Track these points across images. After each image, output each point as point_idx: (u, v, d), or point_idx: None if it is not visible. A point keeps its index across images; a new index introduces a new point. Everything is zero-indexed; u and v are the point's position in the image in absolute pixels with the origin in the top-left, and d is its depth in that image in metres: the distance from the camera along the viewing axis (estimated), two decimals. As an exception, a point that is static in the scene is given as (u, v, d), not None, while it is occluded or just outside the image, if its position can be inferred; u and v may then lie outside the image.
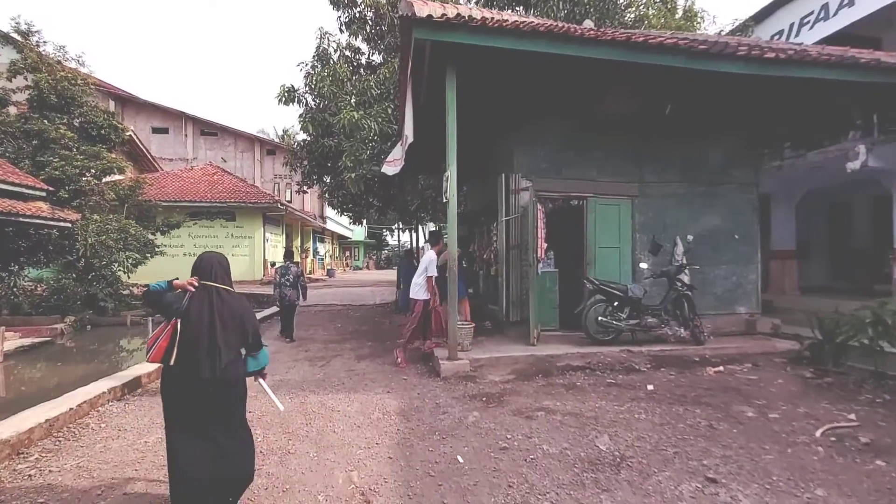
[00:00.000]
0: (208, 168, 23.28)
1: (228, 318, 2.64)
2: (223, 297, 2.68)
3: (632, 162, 7.62)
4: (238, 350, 2.74)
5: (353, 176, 8.88)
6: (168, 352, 2.52)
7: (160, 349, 2.54)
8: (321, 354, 7.29)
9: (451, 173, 5.68)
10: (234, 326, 2.66)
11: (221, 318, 2.61)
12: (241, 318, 2.71)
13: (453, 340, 5.69)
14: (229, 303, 2.69)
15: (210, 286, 2.68)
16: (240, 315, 2.71)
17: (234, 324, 2.66)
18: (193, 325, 2.55)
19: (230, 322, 2.64)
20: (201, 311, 2.59)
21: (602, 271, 7.35)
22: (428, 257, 6.41)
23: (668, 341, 6.59)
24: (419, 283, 6.37)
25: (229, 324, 2.63)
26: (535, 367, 5.73)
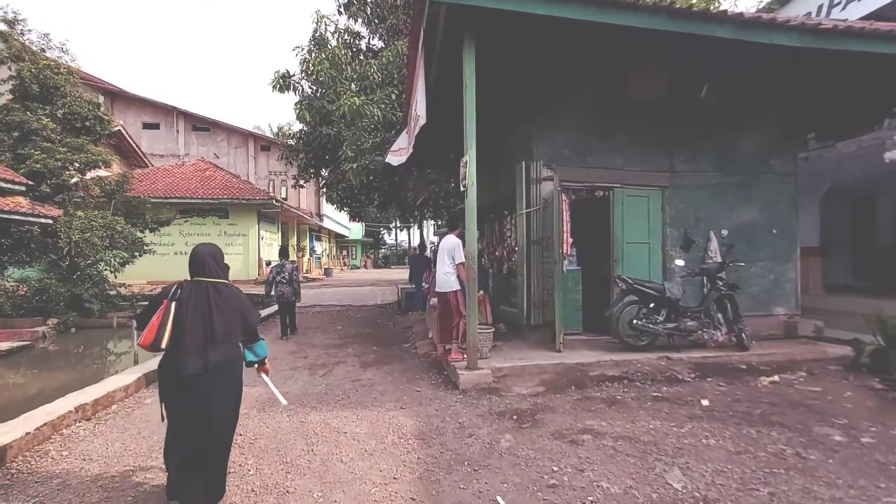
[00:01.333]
0: (200, 164, 22.48)
1: (225, 310, 2.62)
2: (219, 290, 2.67)
3: (661, 149, 6.96)
4: (235, 342, 2.73)
5: (355, 167, 8.19)
6: (160, 332, 2.46)
7: (152, 328, 2.46)
8: (322, 361, 6.59)
9: (471, 157, 5.00)
10: (230, 318, 2.65)
11: (218, 310, 2.59)
12: (237, 309, 2.71)
13: (473, 347, 5.02)
14: (225, 294, 2.67)
15: (203, 282, 2.64)
16: (236, 306, 2.70)
17: (231, 316, 2.66)
18: (188, 316, 2.53)
19: (227, 314, 2.63)
20: (197, 303, 2.57)
21: (630, 269, 6.68)
22: (451, 242, 5.68)
23: (708, 346, 5.94)
24: (449, 273, 5.62)
25: (226, 316, 2.62)
26: (565, 378, 5.07)
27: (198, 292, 2.61)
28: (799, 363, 5.69)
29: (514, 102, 6.92)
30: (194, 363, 2.49)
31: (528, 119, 6.71)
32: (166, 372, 2.61)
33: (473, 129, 5.03)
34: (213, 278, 2.70)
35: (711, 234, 6.98)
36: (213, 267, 2.73)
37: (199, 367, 2.50)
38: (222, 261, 2.85)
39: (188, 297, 2.58)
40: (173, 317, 2.51)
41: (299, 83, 10.34)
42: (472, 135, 5.02)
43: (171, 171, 21.56)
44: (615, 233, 6.71)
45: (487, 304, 6.29)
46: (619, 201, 6.71)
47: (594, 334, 6.73)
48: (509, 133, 7.53)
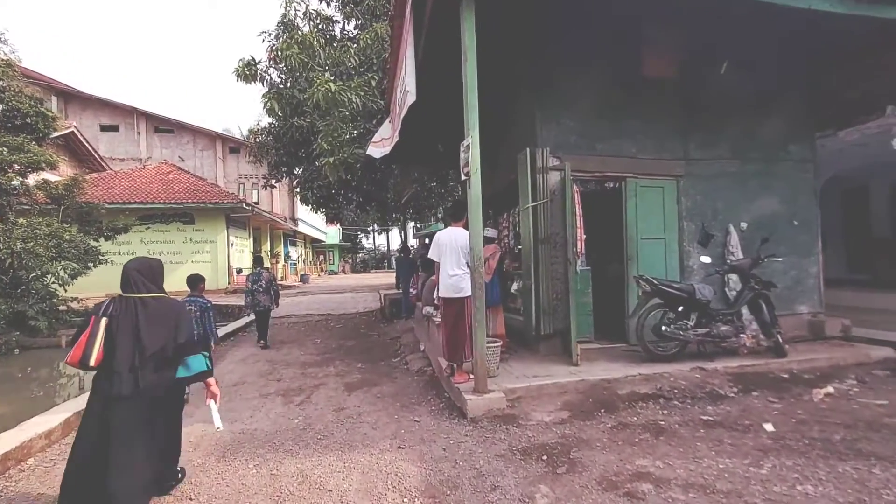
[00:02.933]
0: (163, 167, 21.01)
1: (154, 325, 2.53)
2: (146, 304, 2.59)
3: (675, 135, 6.29)
4: (171, 359, 2.62)
5: (332, 161, 7.26)
6: (88, 348, 2.39)
7: (80, 345, 2.41)
8: (299, 384, 5.64)
9: (473, 139, 4.18)
10: (161, 334, 2.56)
11: (146, 325, 2.51)
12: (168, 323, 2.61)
13: (482, 367, 4.18)
14: (153, 308, 2.59)
15: (131, 297, 2.58)
16: (166, 320, 2.61)
17: (162, 331, 2.56)
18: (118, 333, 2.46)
19: (156, 329, 2.54)
20: (125, 319, 2.50)
21: (645, 268, 5.96)
22: (462, 236, 4.64)
23: (740, 353, 5.27)
24: (460, 275, 4.61)
25: (156, 331, 2.53)
26: (591, 399, 4.28)
27: (126, 308, 2.54)
28: (843, 369, 5.07)
29: (514, 82, 6.14)
30: (125, 383, 2.40)
31: (531, 101, 5.93)
32: (96, 392, 2.49)
33: (475, 105, 4.20)
34: (141, 293, 2.61)
35: (731, 227, 6.34)
36: (140, 281, 2.64)
37: (129, 387, 2.39)
38: (155, 273, 2.76)
39: (118, 313, 2.51)
40: (104, 333, 2.43)
41: (266, 72, 9.33)
42: (474, 113, 4.20)
43: (130, 174, 20.04)
44: (629, 228, 5.99)
45: (501, 316, 5.44)
46: (633, 193, 6.00)
47: (607, 342, 6.00)
48: (508, 118, 6.73)
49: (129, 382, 2.41)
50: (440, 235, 4.90)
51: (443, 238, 4.85)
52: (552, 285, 5.59)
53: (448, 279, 4.74)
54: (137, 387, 2.41)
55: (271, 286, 8.01)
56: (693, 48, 6.11)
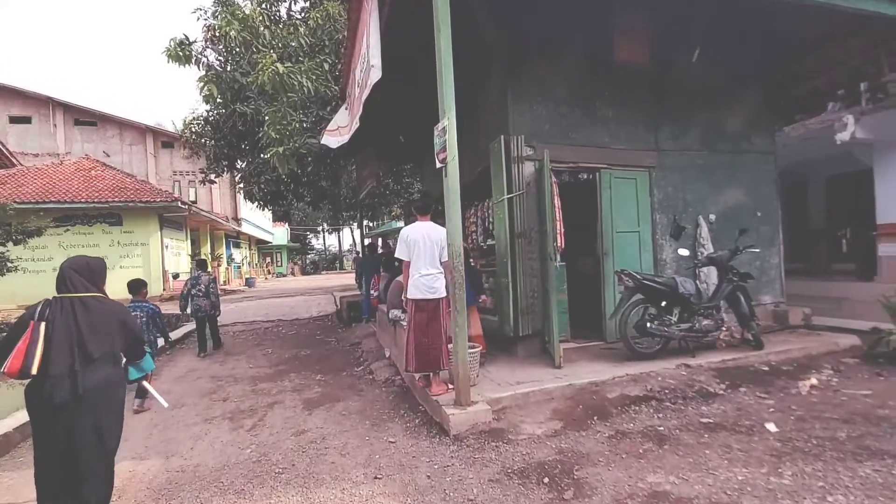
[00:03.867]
0: (84, 162, 18.94)
1: (97, 326, 2.39)
2: (86, 304, 2.43)
3: (646, 125, 6.13)
4: (115, 361, 2.48)
5: (281, 151, 6.54)
6: (29, 356, 2.22)
7: (19, 354, 2.22)
8: (249, 404, 4.94)
9: (451, 121, 3.72)
10: (104, 335, 2.42)
11: (87, 327, 2.36)
12: (111, 323, 2.47)
13: (465, 377, 3.73)
14: (94, 308, 2.44)
15: (67, 297, 2.42)
16: (109, 320, 2.47)
17: (105, 332, 2.43)
18: (55, 337, 2.29)
19: (99, 330, 2.40)
20: (63, 322, 2.33)
21: (621, 262, 5.78)
22: (437, 231, 4.25)
23: (718, 347, 5.17)
24: (433, 275, 4.16)
25: (98, 332, 2.39)
26: (581, 405, 3.94)
27: (63, 309, 2.38)
28: (816, 359, 5.07)
29: (483, 66, 5.74)
30: (64, 389, 2.25)
31: (503, 86, 5.53)
32: (33, 400, 2.31)
33: (451, 83, 3.74)
34: (79, 293, 2.46)
35: (701, 219, 6.29)
36: (78, 280, 2.49)
37: (67, 393, 2.26)
38: (94, 272, 2.59)
39: (55, 316, 2.35)
40: (43, 338, 2.28)
41: (203, 54, 8.38)
42: (449, 92, 3.73)
43: (45, 171, 17.88)
44: (604, 221, 5.76)
45: (476, 316, 4.99)
46: (607, 184, 5.78)
47: (583, 340, 5.76)
48: (474, 105, 6.30)
49: (68, 387, 2.26)
50: (409, 231, 4.39)
51: (412, 234, 4.35)
52: (529, 283, 5.24)
53: (420, 279, 4.25)
54: (77, 392, 2.26)
55: (210, 290, 7.51)
56: (663, 35, 5.97)
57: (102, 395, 2.38)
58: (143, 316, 5.20)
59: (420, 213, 4.50)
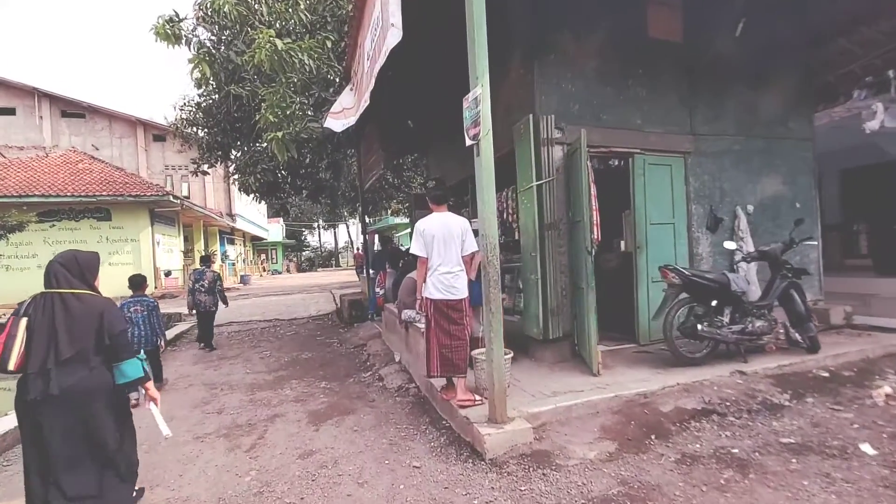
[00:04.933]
0: (70, 155, 18.22)
1: (75, 324, 2.35)
2: (65, 301, 2.39)
3: (681, 107, 5.61)
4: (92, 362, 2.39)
5: (280, 136, 5.95)
6: (5, 352, 2.24)
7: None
8: (247, 418, 4.38)
9: (484, 90, 3.17)
10: (81, 334, 2.36)
11: (64, 324, 2.33)
12: (91, 322, 2.40)
13: (501, 390, 3.19)
14: (73, 306, 2.39)
15: (49, 294, 2.40)
16: (90, 319, 2.40)
17: (83, 330, 2.37)
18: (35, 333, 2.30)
19: (76, 328, 2.36)
20: (42, 318, 2.33)
21: (655, 256, 5.28)
22: (458, 223, 3.79)
23: (767, 351, 4.66)
24: (455, 273, 3.68)
25: (76, 331, 2.35)
26: (633, 421, 3.42)
27: (44, 306, 2.36)
28: (876, 362, 4.59)
29: (505, 39, 5.16)
30: (35, 387, 2.24)
31: (529, 61, 4.97)
32: (17, 395, 2.31)
33: (484, 46, 3.19)
34: (62, 289, 2.42)
35: (738, 210, 5.79)
36: (62, 275, 2.45)
37: (39, 392, 2.23)
38: (82, 267, 2.54)
39: (36, 311, 2.34)
40: (24, 334, 2.27)
41: (194, 33, 7.75)
42: (482, 56, 3.18)
43: (28, 163, 17.16)
44: (637, 211, 5.24)
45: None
46: (641, 171, 5.25)
47: (612, 342, 5.26)
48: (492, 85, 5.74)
49: (40, 386, 2.25)
50: (425, 224, 3.84)
51: (429, 226, 3.80)
52: (559, 280, 4.71)
53: (439, 277, 3.72)
54: (48, 390, 2.24)
55: (214, 286, 7.52)
56: (698, 9, 5.44)
57: (77, 396, 2.31)
58: (143, 310, 5.22)
59: (436, 203, 3.96)
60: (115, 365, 2.48)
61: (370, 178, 7.12)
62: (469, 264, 3.84)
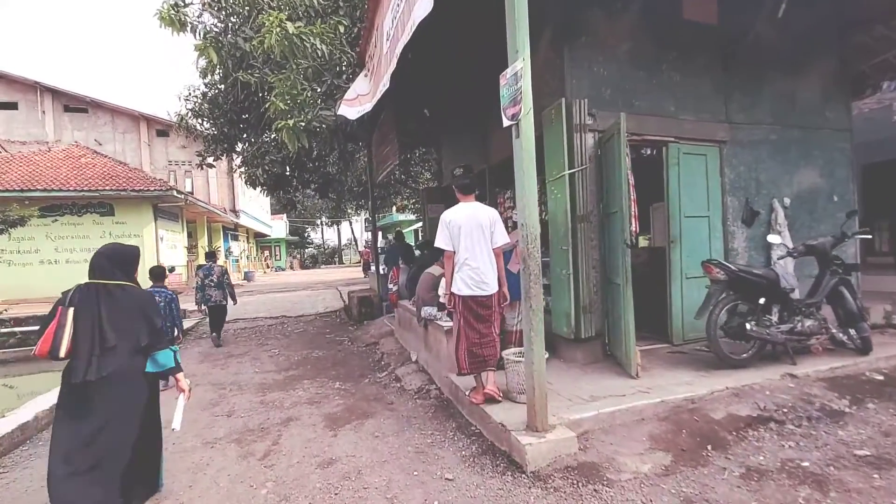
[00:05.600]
0: (73, 149, 17.98)
1: (117, 314, 2.49)
2: (110, 292, 2.52)
3: (716, 94, 5.30)
4: (133, 350, 2.53)
5: (291, 125, 5.66)
6: (56, 340, 2.36)
7: (48, 337, 2.36)
8: (259, 421, 4.10)
9: (525, 63, 2.88)
10: (124, 324, 2.50)
11: (107, 314, 2.46)
12: (133, 313, 2.56)
13: (541, 395, 2.90)
14: (117, 297, 2.53)
15: (94, 284, 2.53)
16: (131, 310, 2.56)
17: (125, 321, 2.51)
18: (80, 321, 2.42)
19: (119, 318, 2.49)
20: (88, 307, 2.45)
21: (689, 250, 4.99)
22: (481, 214, 3.51)
23: (814, 352, 4.36)
24: (485, 267, 3.43)
25: (118, 320, 2.48)
26: (684, 429, 3.13)
27: (88, 296, 2.48)
28: (932, 365, 4.28)
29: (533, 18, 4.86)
30: (79, 372, 2.37)
31: (558, 42, 4.67)
32: (63, 380, 2.47)
33: (525, 12, 2.90)
34: (106, 279, 2.54)
35: (775, 202, 5.48)
36: (107, 267, 2.57)
37: (82, 377, 2.36)
38: (126, 260, 2.71)
39: (82, 302, 2.46)
40: (72, 323, 2.39)
41: (200, 19, 7.46)
42: (522, 24, 2.90)
43: (30, 158, 16.92)
44: (671, 203, 4.94)
45: None
46: (675, 161, 4.94)
47: (643, 341, 4.92)
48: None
49: (85, 371, 2.37)
50: (451, 214, 3.56)
51: (456, 217, 3.53)
52: (592, 275, 4.42)
53: (469, 272, 3.45)
54: (92, 375, 2.37)
55: (223, 281, 7.61)
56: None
57: (118, 384, 2.44)
58: (161, 301, 5.15)
59: (463, 192, 3.68)
60: (151, 354, 2.60)
61: (383, 171, 6.82)
62: (499, 257, 3.56)
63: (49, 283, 14.93)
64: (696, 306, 4.95)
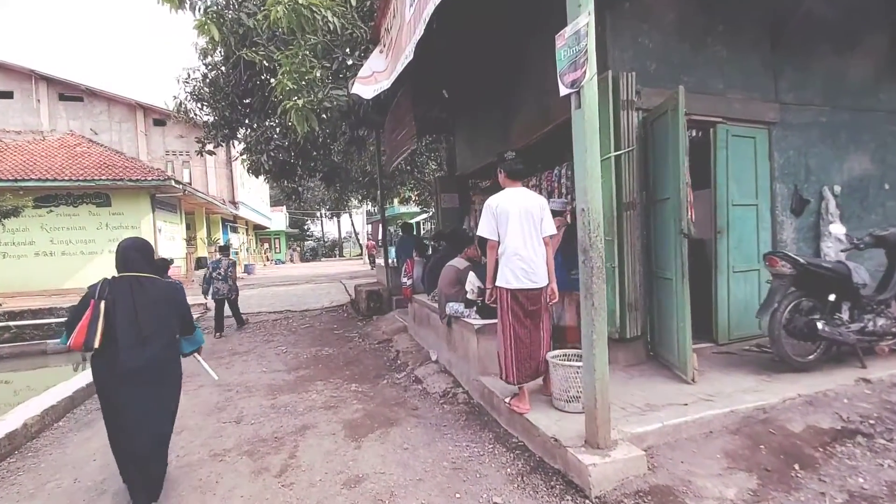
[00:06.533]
0: (68, 138, 17.48)
1: (149, 306, 2.56)
2: (141, 284, 2.60)
3: (764, 71, 4.86)
4: (168, 338, 2.66)
5: (301, 105, 5.21)
6: (90, 332, 2.43)
7: (82, 329, 2.43)
8: (271, 429, 3.71)
9: (590, 18, 2.45)
10: (157, 314, 2.59)
11: (141, 306, 2.53)
12: (164, 304, 2.65)
13: (604, 407, 2.51)
14: (151, 291, 2.61)
15: (127, 276, 2.59)
16: (162, 301, 2.64)
17: (157, 311, 2.60)
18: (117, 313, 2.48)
19: (152, 310, 2.57)
20: (122, 300, 2.51)
21: (737, 242, 4.59)
22: (530, 201, 3.18)
23: (878, 353, 3.96)
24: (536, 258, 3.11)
25: (151, 311, 2.56)
26: (762, 445, 2.74)
27: (121, 288, 2.54)
28: None
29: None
30: (126, 360, 2.45)
31: (598, 7, 4.18)
32: (101, 371, 2.51)
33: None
34: (137, 272, 2.62)
35: (825, 190, 5.07)
36: (138, 260, 2.65)
37: (130, 365, 2.45)
38: (151, 253, 2.80)
39: (114, 294, 2.51)
40: (104, 315, 2.44)
41: (200, -5, 6.96)
42: (586, -24, 2.45)
43: (24, 147, 16.41)
44: (718, 190, 4.52)
45: (575, 307, 3.81)
46: (723, 143, 4.52)
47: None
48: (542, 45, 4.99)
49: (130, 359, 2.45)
50: (499, 200, 3.20)
51: (504, 203, 3.17)
52: (637, 269, 4.01)
53: (517, 263, 3.07)
54: (132, 364, 2.46)
55: (228, 273, 7.76)
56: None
57: (158, 370, 2.56)
58: None
59: (513, 178, 3.32)
60: (187, 337, 2.86)
61: (397, 158, 6.37)
62: (549, 248, 3.17)
63: (44, 276, 14.51)
64: (743, 302, 4.62)
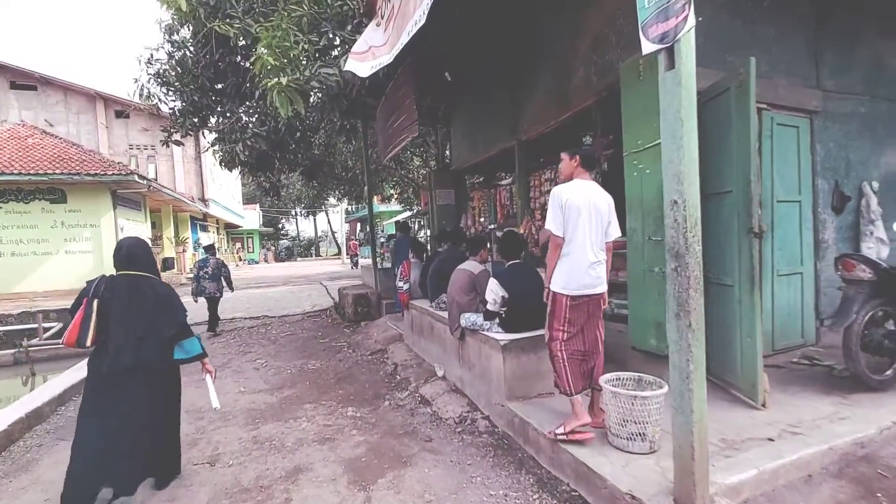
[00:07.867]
0: (19, 129, 15.99)
1: (143, 306, 2.56)
2: (137, 284, 2.61)
3: (808, 54, 4.43)
4: (161, 340, 2.63)
5: (285, 83, 4.49)
6: (83, 329, 2.43)
7: (74, 327, 2.45)
8: (256, 475, 2.99)
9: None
10: (151, 314, 2.58)
11: (135, 305, 2.54)
12: (157, 304, 2.63)
13: (703, 455, 1.94)
14: (142, 289, 2.61)
15: (126, 275, 2.61)
16: (155, 301, 2.62)
17: (151, 311, 2.59)
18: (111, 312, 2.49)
19: (145, 310, 2.56)
20: (117, 298, 2.52)
21: (781, 242, 4.12)
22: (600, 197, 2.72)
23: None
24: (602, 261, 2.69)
25: (144, 311, 2.56)
26: (878, 493, 2.22)
27: (116, 287, 2.55)
28: None
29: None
30: (119, 359, 2.44)
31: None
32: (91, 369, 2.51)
33: None
34: (140, 271, 2.65)
35: (865, 186, 4.69)
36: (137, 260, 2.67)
37: (114, 365, 2.43)
38: (152, 254, 2.82)
39: (111, 292, 2.51)
40: (97, 313, 2.44)
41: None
42: None
43: (-33, 137, 14.90)
44: (763, 184, 4.04)
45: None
46: (769, 132, 4.04)
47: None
48: (580, 7, 4.41)
49: (116, 360, 2.43)
50: (568, 192, 2.68)
51: (574, 196, 2.66)
52: (688, 274, 3.47)
53: (584, 266, 2.61)
54: (133, 362, 2.45)
55: (220, 272, 7.67)
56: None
57: (147, 372, 2.53)
58: None
59: (586, 167, 2.84)
60: (180, 343, 2.72)
61: (393, 148, 5.70)
62: (610, 252, 2.64)
63: (-8, 277, 13.20)
64: (787, 309, 4.16)
